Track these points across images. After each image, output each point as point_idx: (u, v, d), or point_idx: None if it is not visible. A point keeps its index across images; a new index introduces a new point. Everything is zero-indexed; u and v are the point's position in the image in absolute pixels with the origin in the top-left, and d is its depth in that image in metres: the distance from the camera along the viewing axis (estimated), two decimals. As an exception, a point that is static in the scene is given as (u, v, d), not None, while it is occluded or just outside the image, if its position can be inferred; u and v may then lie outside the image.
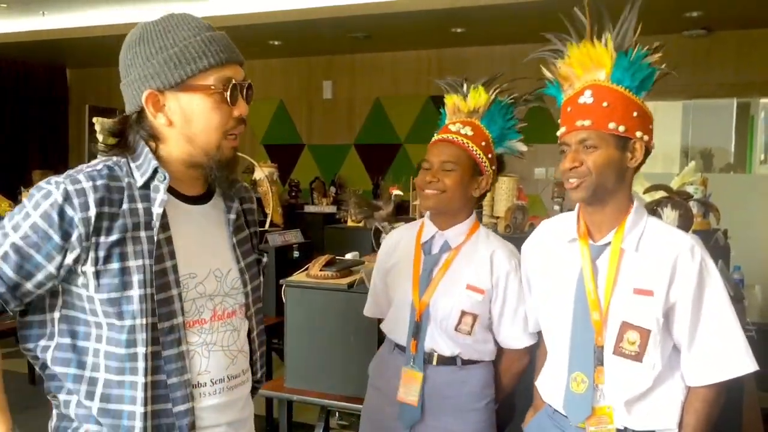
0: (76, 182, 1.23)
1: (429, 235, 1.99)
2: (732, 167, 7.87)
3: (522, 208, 4.00)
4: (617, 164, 1.58)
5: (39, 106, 9.76)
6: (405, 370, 1.93)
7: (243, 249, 1.45)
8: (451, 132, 1.96)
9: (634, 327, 1.58)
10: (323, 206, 7.04)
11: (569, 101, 1.63)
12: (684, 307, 1.57)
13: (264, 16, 6.57)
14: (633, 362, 1.58)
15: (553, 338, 1.73)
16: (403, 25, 6.67)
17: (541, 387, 1.80)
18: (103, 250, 1.23)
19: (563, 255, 1.71)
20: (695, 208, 3.58)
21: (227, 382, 1.38)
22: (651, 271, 1.59)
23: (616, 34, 1.60)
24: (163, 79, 1.27)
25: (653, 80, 1.62)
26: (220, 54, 1.28)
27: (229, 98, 1.29)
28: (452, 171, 1.91)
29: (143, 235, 1.26)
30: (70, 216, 1.21)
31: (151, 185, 1.29)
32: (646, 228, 1.63)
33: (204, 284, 1.35)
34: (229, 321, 1.39)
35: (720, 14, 5.99)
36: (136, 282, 1.24)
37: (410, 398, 1.91)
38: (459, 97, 2.05)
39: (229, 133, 1.32)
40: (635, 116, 1.57)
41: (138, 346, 1.25)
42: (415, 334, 1.92)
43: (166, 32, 1.28)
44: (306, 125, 8.74)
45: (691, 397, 1.61)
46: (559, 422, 1.70)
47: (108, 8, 6.84)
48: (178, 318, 1.29)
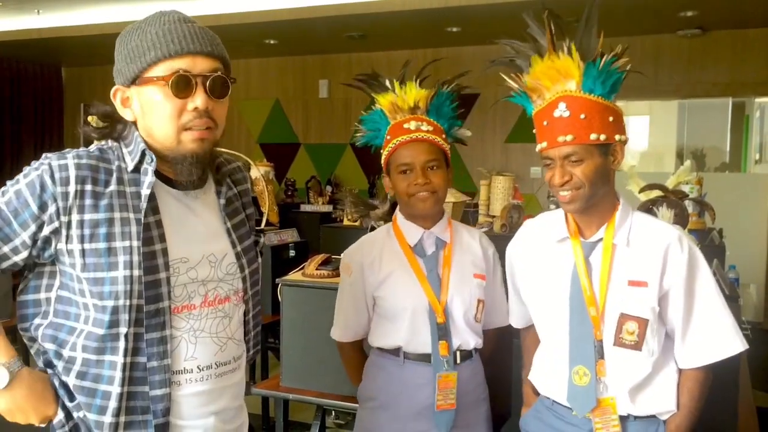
0: (62, 158, 1.27)
1: (416, 237, 1.94)
2: (727, 167, 7.89)
3: (518, 207, 4.00)
4: (603, 170, 1.63)
5: (34, 105, 9.73)
6: (439, 375, 1.86)
7: (239, 233, 1.45)
8: (412, 131, 1.91)
9: (633, 317, 1.63)
10: (319, 205, 7.03)
11: (543, 114, 1.65)
12: (677, 294, 1.64)
13: (260, 15, 6.56)
14: (633, 351, 1.64)
15: (551, 335, 1.76)
16: (399, 25, 6.68)
17: (537, 381, 1.82)
18: (88, 228, 1.24)
19: (553, 254, 1.74)
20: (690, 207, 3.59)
21: (215, 369, 1.37)
22: (643, 262, 1.65)
23: (579, 43, 1.61)
24: (123, 75, 1.31)
25: (622, 81, 1.64)
26: (170, 45, 1.27)
27: (171, 89, 1.26)
28: (438, 168, 1.90)
29: (132, 216, 1.27)
30: (50, 189, 1.24)
31: (141, 169, 1.30)
32: (633, 222, 1.69)
33: (197, 269, 1.34)
34: (221, 307, 1.39)
35: (715, 14, 6.01)
36: (122, 263, 1.25)
37: (449, 402, 1.87)
38: (392, 94, 1.98)
39: (186, 127, 1.29)
40: (611, 121, 1.61)
41: (120, 326, 1.26)
42: (442, 336, 1.87)
43: (135, 29, 1.31)
44: (302, 124, 8.74)
45: (683, 378, 1.68)
46: (561, 413, 1.73)
47: (103, 7, 6.82)
48: (164, 302, 1.29)
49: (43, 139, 9.91)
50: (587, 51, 1.61)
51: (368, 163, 8.00)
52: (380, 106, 2.02)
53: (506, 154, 7.70)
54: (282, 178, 7.95)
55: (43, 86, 9.85)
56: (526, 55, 1.68)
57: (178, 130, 1.29)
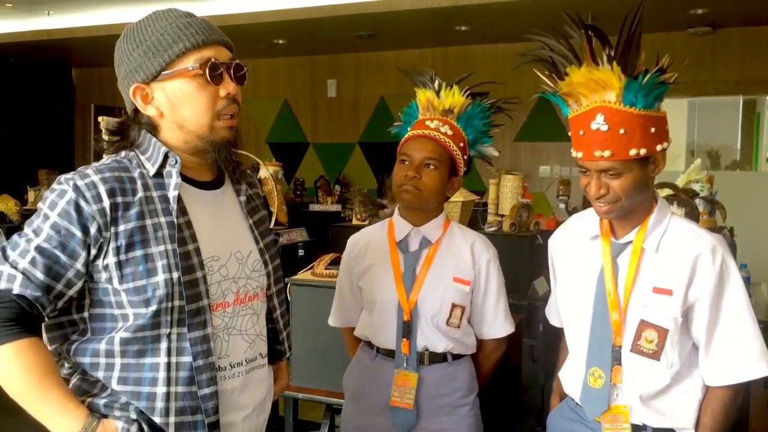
0: (84, 176, 1.25)
1: (403, 233, 1.94)
2: (738, 165, 7.84)
3: (527, 207, 4.00)
4: (642, 181, 1.56)
5: (44, 106, 9.78)
6: (398, 372, 1.88)
7: (260, 230, 1.47)
8: (431, 128, 1.91)
9: (653, 326, 1.58)
10: (328, 205, 7.04)
11: (580, 122, 1.57)
12: (702, 307, 1.57)
13: (268, 15, 6.57)
14: (651, 360, 1.59)
15: (574, 333, 1.75)
16: (408, 24, 6.67)
17: (563, 379, 1.81)
18: (123, 239, 1.24)
19: (586, 251, 1.71)
20: (701, 206, 3.57)
21: (246, 365, 1.40)
22: (671, 270, 1.59)
23: (621, 58, 1.51)
24: (144, 71, 1.29)
25: (666, 90, 1.56)
26: (195, 36, 1.29)
27: (209, 77, 1.28)
28: (434, 169, 1.88)
29: (163, 220, 1.27)
30: (86, 210, 1.22)
31: (164, 172, 1.30)
32: (669, 227, 1.62)
33: (227, 267, 1.36)
34: (250, 304, 1.41)
35: (725, 11, 5.97)
36: (161, 267, 1.25)
37: (405, 401, 1.87)
38: (432, 92, 2.00)
39: (220, 114, 1.32)
40: (653, 132, 1.52)
41: (162, 327, 1.26)
42: (406, 335, 1.88)
43: (145, 27, 1.31)
44: (311, 124, 8.74)
45: (708, 397, 1.61)
46: (581, 415, 1.72)
47: (113, 8, 6.85)
48: (203, 300, 1.30)
49: (53, 139, 9.96)
50: (629, 65, 1.51)
51: (377, 163, 8.00)
52: (418, 100, 2.04)
53: (515, 152, 7.68)
54: (291, 178, 7.96)
55: (53, 87, 9.89)
56: (563, 54, 1.59)
57: (213, 118, 1.31)
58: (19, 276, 1.20)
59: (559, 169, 7.48)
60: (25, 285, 1.20)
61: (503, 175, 4.12)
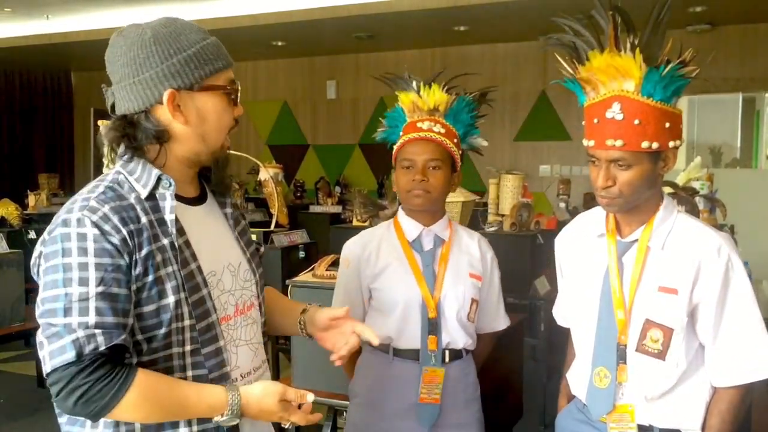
0: (94, 210, 1.22)
1: (415, 233, 1.96)
2: (738, 162, 7.84)
3: (527, 206, 4.00)
4: (650, 176, 1.54)
5: (44, 110, 9.80)
6: (425, 369, 1.89)
7: (245, 240, 1.49)
8: (424, 130, 1.94)
9: (658, 325, 1.57)
10: (328, 206, 7.04)
11: (595, 110, 1.54)
12: (708, 307, 1.56)
13: (268, 17, 6.57)
14: (656, 360, 1.57)
15: (580, 333, 1.74)
16: (407, 24, 6.67)
17: (570, 379, 1.81)
18: (140, 266, 1.23)
19: (592, 250, 1.70)
20: (701, 203, 3.57)
21: (253, 374, 1.41)
22: (676, 269, 1.57)
23: (644, 45, 1.49)
24: (184, 79, 1.28)
25: (686, 85, 1.53)
26: (228, 57, 1.35)
27: (233, 98, 1.35)
28: (439, 169, 1.91)
29: (165, 242, 1.27)
30: (114, 241, 1.21)
31: (157, 194, 1.30)
32: (675, 225, 1.61)
33: (222, 280, 1.38)
34: (248, 314, 1.43)
35: (724, 9, 5.98)
36: (170, 289, 1.25)
37: (433, 397, 1.89)
38: (413, 94, 2.02)
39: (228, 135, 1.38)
40: (667, 127, 1.51)
41: (173, 347, 1.27)
42: (432, 331, 1.90)
43: (178, 34, 1.30)
44: (310, 125, 8.75)
45: (716, 397, 1.59)
46: (589, 416, 1.70)
47: (112, 11, 6.86)
48: (212, 316, 1.32)
49: (53, 143, 9.97)
50: (652, 54, 1.49)
51: (377, 164, 8.01)
52: (401, 104, 2.06)
53: (515, 152, 7.69)
54: (291, 180, 7.97)
55: (52, 91, 9.91)
56: (586, 41, 1.55)
57: (225, 136, 1.37)
58: (96, 332, 1.17)
59: (559, 169, 7.48)
60: (108, 336, 1.18)
61: (503, 174, 4.13)
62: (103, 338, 1.17)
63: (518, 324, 2.98)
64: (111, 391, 1.17)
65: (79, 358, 1.15)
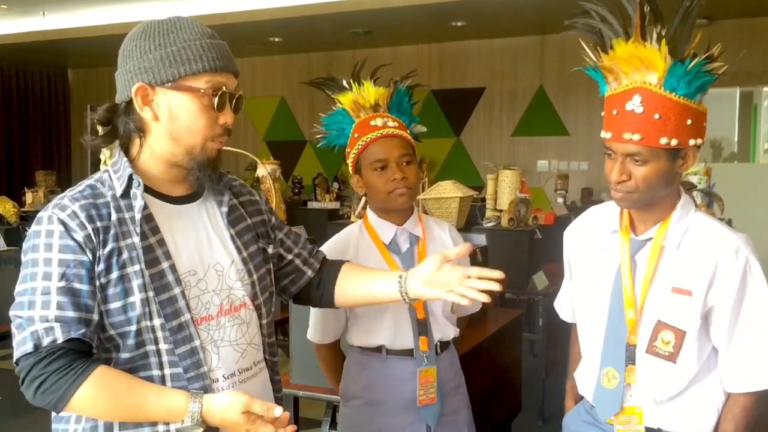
0: (63, 208, 1.26)
1: (390, 234, 1.93)
2: (736, 156, 7.85)
3: (525, 201, 4.00)
4: (667, 174, 1.49)
5: (41, 107, 9.77)
6: (420, 371, 1.87)
7: (244, 239, 1.46)
8: (380, 127, 1.91)
9: (670, 327, 1.52)
10: (326, 202, 7.04)
11: (615, 101, 1.49)
12: (723, 309, 1.51)
13: (264, 13, 6.56)
14: (667, 362, 1.53)
15: (588, 330, 1.70)
16: (403, 20, 6.66)
17: (577, 379, 1.77)
18: (103, 263, 1.25)
19: (604, 246, 1.65)
20: (699, 198, 3.57)
21: (238, 375, 1.39)
22: (691, 270, 1.52)
23: (671, 37, 1.44)
24: (156, 75, 1.30)
25: (712, 82, 1.48)
26: (216, 61, 1.31)
27: (216, 104, 1.31)
28: (411, 164, 1.89)
29: (136, 241, 1.28)
30: (78, 237, 1.24)
31: (131, 192, 1.31)
32: (692, 224, 1.56)
33: (206, 280, 1.36)
34: (237, 315, 1.41)
35: (721, 3, 5.97)
36: (136, 287, 1.26)
37: (430, 396, 1.88)
38: (354, 93, 1.99)
39: (213, 140, 1.34)
40: (689, 124, 1.45)
41: (147, 345, 1.27)
42: (423, 332, 1.89)
43: (168, 32, 1.32)
44: (308, 121, 8.73)
45: (730, 402, 1.56)
46: (597, 418, 1.67)
47: (108, 8, 6.84)
48: (185, 315, 1.31)
49: (50, 141, 9.95)
50: (678, 47, 1.44)
51: (375, 160, 8.00)
52: (342, 105, 2.03)
53: (513, 147, 7.68)
54: (289, 176, 7.97)
55: (49, 88, 9.88)
56: (613, 29, 1.50)
57: (205, 140, 1.33)
58: (55, 325, 1.20)
59: (557, 164, 7.48)
60: (66, 329, 1.20)
61: (501, 170, 4.13)
62: (60, 332, 1.19)
63: (517, 319, 2.99)
64: (66, 384, 1.19)
65: (36, 350, 1.19)
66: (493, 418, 2.62)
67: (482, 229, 3.92)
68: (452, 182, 3.74)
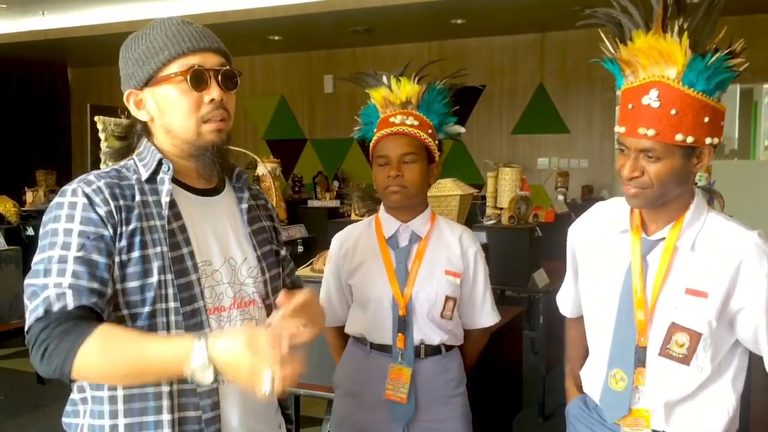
0: (89, 183, 1.28)
1: (392, 229, 1.97)
2: (736, 154, 7.84)
3: (525, 199, 4.00)
4: (681, 172, 1.45)
5: (41, 106, 9.77)
6: (392, 366, 1.90)
7: (259, 238, 1.48)
8: (396, 124, 1.94)
9: (684, 329, 1.48)
10: (326, 200, 7.04)
11: (631, 95, 1.45)
12: (754, 312, 1.46)
13: (264, 11, 6.56)
14: (679, 365, 1.50)
15: (596, 331, 1.67)
16: (404, 18, 6.66)
17: (583, 378, 1.74)
18: (125, 240, 1.26)
19: (613, 245, 1.61)
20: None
21: None
22: (707, 271, 1.48)
23: (693, 30, 1.40)
24: (136, 78, 1.35)
25: (732, 79, 1.44)
26: (182, 43, 1.33)
27: (190, 83, 1.32)
28: (413, 163, 1.90)
29: (158, 224, 1.30)
30: (101, 211, 1.26)
31: (157, 178, 1.34)
32: (706, 224, 1.52)
33: (221, 272, 1.38)
34: (247, 309, 1.42)
35: None
36: (156, 268, 1.27)
37: (399, 395, 1.89)
38: (385, 89, 2.02)
39: (204, 119, 1.34)
40: (706, 122, 1.41)
41: (158, 329, 1.28)
42: (401, 329, 1.91)
43: (141, 35, 1.36)
44: (308, 120, 8.74)
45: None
46: (603, 417, 1.64)
47: (108, 7, 6.83)
48: (199, 302, 1.32)
49: (50, 140, 9.95)
50: (699, 41, 1.40)
51: (375, 158, 8.01)
52: (374, 100, 2.06)
53: (513, 145, 7.68)
54: (289, 174, 7.96)
55: (49, 87, 9.88)
56: (633, 20, 1.46)
57: (198, 122, 1.34)
58: (68, 291, 1.19)
59: (557, 161, 7.48)
60: (78, 296, 1.19)
61: (501, 167, 4.12)
62: (72, 298, 1.18)
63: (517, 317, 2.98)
64: (69, 343, 1.14)
65: (46, 314, 1.17)
66: (494, 415, 2.62)
67: (483, 226, 3.92)
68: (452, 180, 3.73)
